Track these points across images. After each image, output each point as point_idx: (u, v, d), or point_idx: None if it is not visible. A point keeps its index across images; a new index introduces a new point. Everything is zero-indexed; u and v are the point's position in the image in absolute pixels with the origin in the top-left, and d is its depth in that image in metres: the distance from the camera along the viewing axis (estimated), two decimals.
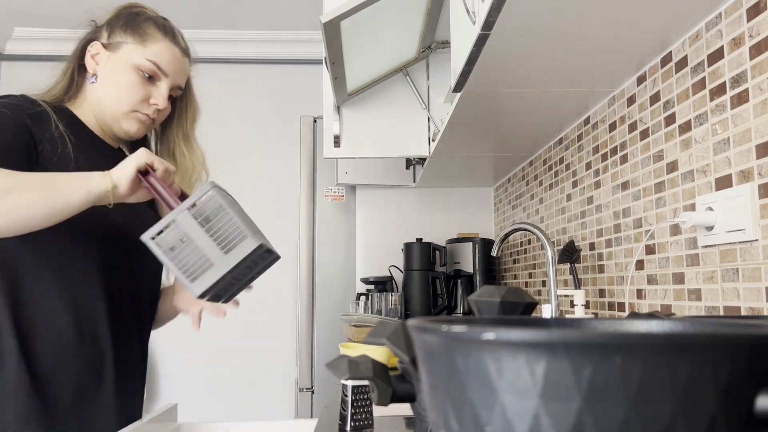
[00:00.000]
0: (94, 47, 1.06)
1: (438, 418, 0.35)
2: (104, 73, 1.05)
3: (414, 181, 2.53)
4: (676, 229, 1.13)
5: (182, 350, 3.25)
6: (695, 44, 1.06)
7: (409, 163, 2.52)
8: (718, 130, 0.99)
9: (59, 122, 0.98)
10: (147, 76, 1.05)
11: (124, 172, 0.87)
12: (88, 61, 1.06)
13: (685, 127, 1.09)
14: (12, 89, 1.10)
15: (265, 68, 3.45)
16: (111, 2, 1.21)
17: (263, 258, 0.91)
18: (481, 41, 1.08)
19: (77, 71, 1.08)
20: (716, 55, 1.00)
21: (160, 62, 1.06)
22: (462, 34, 1.23)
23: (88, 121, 1.08)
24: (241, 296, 1.02)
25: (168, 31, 1.10)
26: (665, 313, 0.56)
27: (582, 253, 1.58)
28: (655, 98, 1.20)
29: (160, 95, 1.07)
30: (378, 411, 1.11)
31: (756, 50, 0.89)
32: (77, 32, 1.16)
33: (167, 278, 1.20)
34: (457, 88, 1.33)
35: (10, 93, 1.07)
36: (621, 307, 1.36)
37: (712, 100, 1.01)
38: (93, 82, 1.06)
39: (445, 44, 1.89)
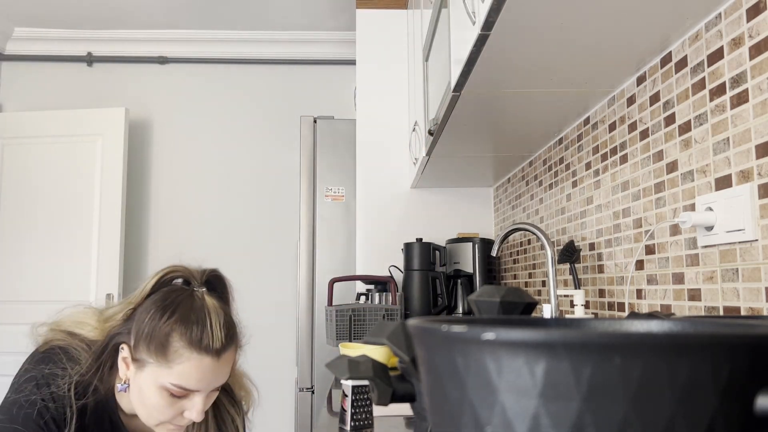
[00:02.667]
0: (124, 351, 0.97)
1: (438, 418, 0.35)
2: (134, 386, 0.96)
3: (413, 182, 2.53)
4: (675, 229, 1.13)
5: None
6: (695, 44, 1.06)
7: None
8: (718, 130, 0.99)
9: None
10: (178, 396, 0.95)
11: None
12: (120, 366, 0.98)
13: (685, 128, 1.09)
14: (12, 89, 1.12)
15: (266, 68, 3.45)
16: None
17: None
18: (481, 41, 1.08)
19: (106, 367, 0.99)
20: (716, 56, 1.00)
21: (187, 384, 0.93)
22: (462, 34, 1.23)
23: (127, 409, 1.03)
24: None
25: (197, 337, 0.93)
26: (665, 313, 0.56)
27: (582, 253, 1.58)
28: (654, 98, 1.21)
29: (194, 409, 0.96)
30: (378, 411, 1.11)
31: (756, 50, 0.89)
32: (77, 32, 1.15)
33: None
34: (457, 88, 1.33)
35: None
36: (621, 307, 1.36)
37: (711, 100, 1.01)
38: (123, 390, 0.98)
39: None
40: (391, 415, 1.08)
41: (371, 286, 2.42)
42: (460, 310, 2.31)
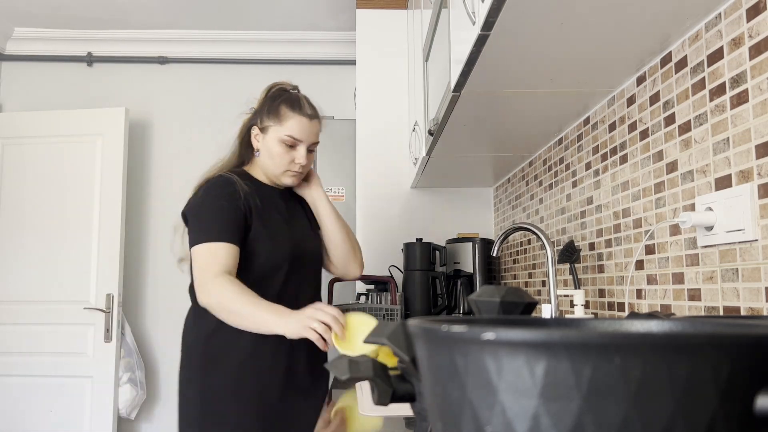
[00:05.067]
0: (254, 131, 1.50)
1: (438, 418, 0.35)
2: (263, 148, 1.49)
3: (413, 182, 2.53)
4: (675, 229, 1.13)
5: None
6: (695, 44, 1.06)
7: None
8: (718, 130, 0.99)
9: (244, 185, 1.43)
10: (289, 145, 1.46)
11: (296, 332, 1.23)
12: (253, 141, 1.51)
13: (685, 128, 1.09)
14: (12, 89, 1.12)
15: (266, 68, 3.45)
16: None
17: None
18: (481, 41, 1.08)
19: (245, 146, 1.54)
20: (716, 56, 1.00)
21: (294, 134, 1.45)
22: (462, 34, 1.23)
23: (260, 176, 1.53)
24: None
25: (296, 105, 1.46)
26: (665, 313, 0.56)
27: (582, 253, 1.58)
28: (654, 98, 1.21)
29: (300, 156, 1.47)
30: (378, 411, 1.11)
31: (756, 50, 0.90)
32: (77, 32, 1.21)
33: None
34: (457, 88, 1.33)
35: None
36: (621, 307, 1.37)
37: (711, 100, 1.01)
38: (257, 155, 1.51)
39: None
40: (391, 415, 1.08)
41: (371, 286, 2.42)
42: (460, 310, 2.31)
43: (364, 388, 1.23)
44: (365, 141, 2.59)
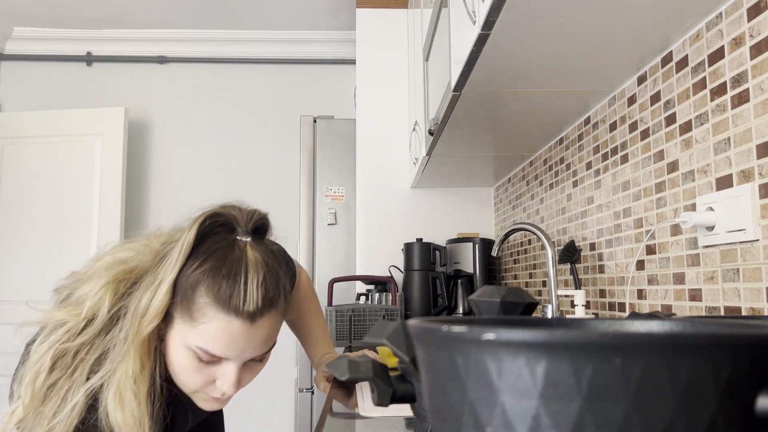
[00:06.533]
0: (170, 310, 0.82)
1: (438, 418, 0.34)
2: (167, 346, 0.83)
3: (413, 182, 2.53)
4: (676, 229, 1.12)
5: None
6: (696, 44, 1.06)
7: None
8: (718, 129, 0.99)
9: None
10: (205, 360, 0.81)
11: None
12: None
13: (686, 127, 1.09)
14: (12, 89, 1.11)
15: (265, 68, 3.45)
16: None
17: None
18: (481, 41, 1.08)
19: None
20: (717, 55, 1.00)
21: (212, 349, 0.79)
22: (462, 34, 1.23)
23: None
24: None
25: (222, 297, 0.77)
26: (666, 314, 0.56)
27: (582, 253, 1.58)
28: (655, 98, 1.20)
29: (226, 380, 0.82)
30: (378, 411, 1.11)
31: (756, 50, 0.89)
32: (76, 32, 1.15)
33: None
34: (457, 88, 1.33)
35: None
36: (621, 307, 1.36)
37: (712, 100, 1.01)
38: (161, 342, 0.85)
39: None
40: (391, 415, 1.08)
41: (371, 286, 2.42)
42: (461, 310, 2.31)
43: (364, 389, 1.23)
44: (365, 141, 2.59)
